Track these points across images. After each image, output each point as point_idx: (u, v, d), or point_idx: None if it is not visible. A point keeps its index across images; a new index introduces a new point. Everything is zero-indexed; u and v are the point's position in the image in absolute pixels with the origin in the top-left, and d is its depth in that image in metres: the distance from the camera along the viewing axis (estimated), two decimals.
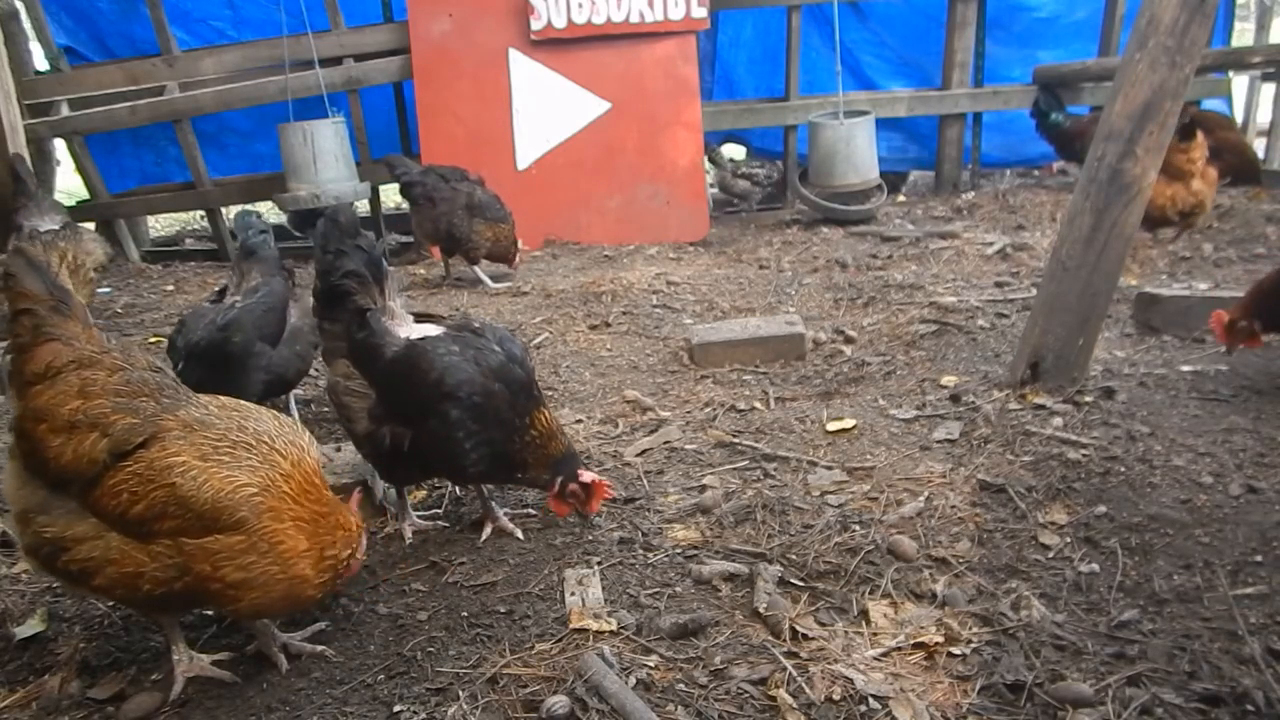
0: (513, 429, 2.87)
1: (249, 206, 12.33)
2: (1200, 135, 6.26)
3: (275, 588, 2.21)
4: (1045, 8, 9.92)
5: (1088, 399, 3.77)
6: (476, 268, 6.81)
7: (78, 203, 8.97)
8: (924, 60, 9.90)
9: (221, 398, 2.40)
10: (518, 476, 2.98)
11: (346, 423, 3.09)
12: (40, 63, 8.74)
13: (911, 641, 2.39)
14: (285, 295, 4.02)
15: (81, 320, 2.38)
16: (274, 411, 2.43)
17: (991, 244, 6.78)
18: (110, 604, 2.68)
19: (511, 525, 3.08)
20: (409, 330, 3.07)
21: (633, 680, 2.22)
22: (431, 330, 3.05)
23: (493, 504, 3.13)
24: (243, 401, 2.42)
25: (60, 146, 8.99)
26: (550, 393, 4.39)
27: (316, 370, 4.38)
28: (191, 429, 2.22)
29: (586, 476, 2.90)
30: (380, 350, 2.95)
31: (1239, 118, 11.08)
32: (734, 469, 3.46)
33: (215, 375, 3.46)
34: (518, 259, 6.85)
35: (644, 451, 3.67)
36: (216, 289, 4.23)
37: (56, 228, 5.36)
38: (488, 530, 3.06)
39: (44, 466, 2.19)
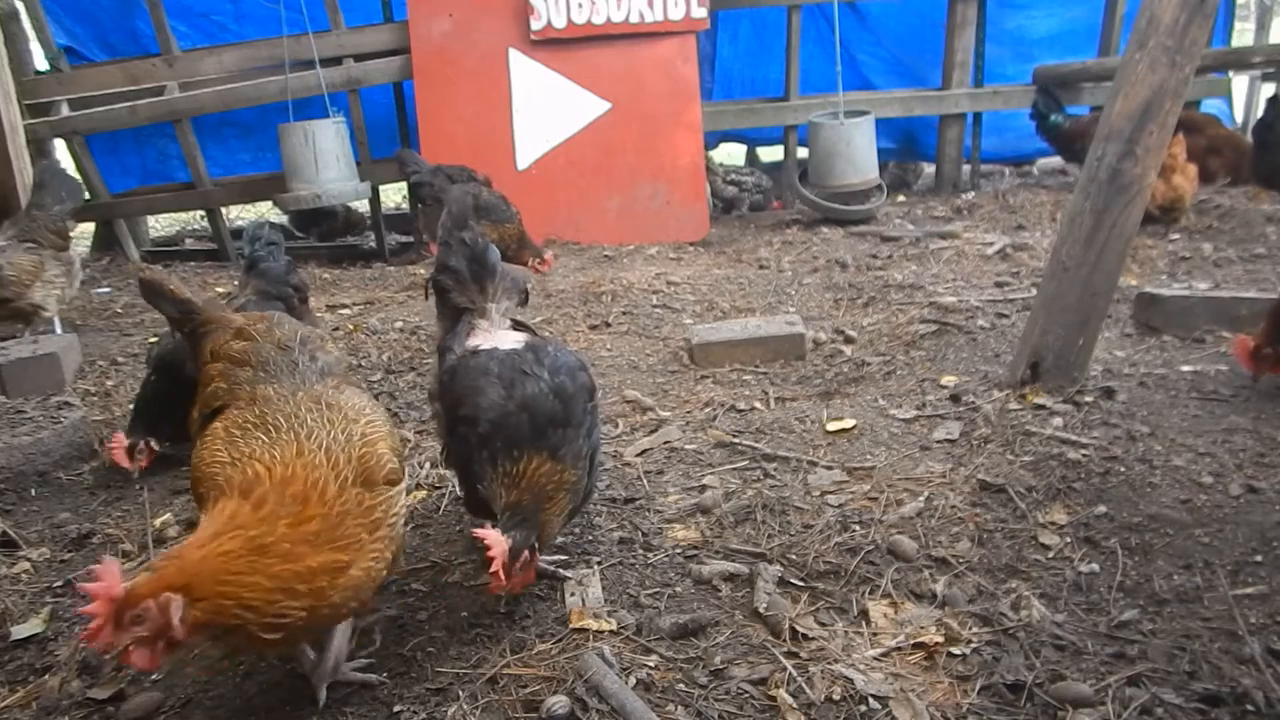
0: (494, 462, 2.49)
1: (252, 208, 12.38)
2: (1180, 133, 6.31)
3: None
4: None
5: (1088, 399, 3.76)
6: None
7: None
8: (919, 60, 9.92)
9: (347, 389, 2.43)
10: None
11: (437, 420, 2.95)
12: (40, 63, 8.74)
13: (911, 641, 2.39)
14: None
15: (211, 309, 2.69)
16: (378, 419, 2.33)
17: (991, 244, 6.79)
18: None
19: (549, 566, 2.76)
20: (483, 340, 2.81)
21: (633, 680, 2.22)
22: (504, 343, 2.76)
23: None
24: (357, 396, 2.41)
25: (60, 146, 8.99)
26: None
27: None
28: (253, 403, 2.27)
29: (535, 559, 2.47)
30: (442, 359, 2.82)
31: (1239, 118, 11.11)
32: (734, 469, 3.46)
33: (178, 388, 3.26)
34: (533, 262, 6.77)
35: (644, 451, 3.67)
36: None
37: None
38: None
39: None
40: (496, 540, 2.28)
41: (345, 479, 2.08)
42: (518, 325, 2.98)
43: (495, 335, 2.82)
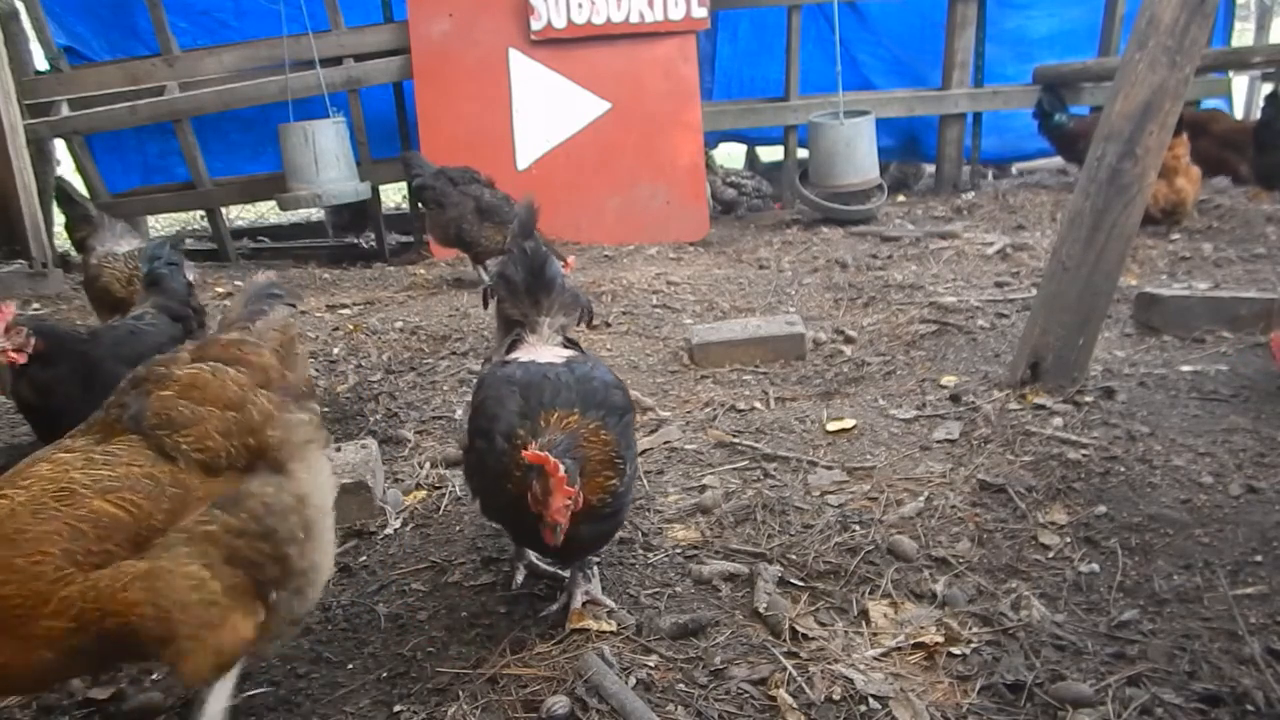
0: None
1: (252, 208, 12.39)
2: (1184, 134, 6.31)
3: None
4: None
5: (1088, 399, 3.76)
6: (480, 268, 6.81)
7: None
8: (919, 60, 9.92)
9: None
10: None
11: (461, 438, 2.80)
12: (40, 63, 8.74)
13: (911, 641, 2.39)
14: (166, 329, 3.71)
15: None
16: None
17: (991, 244, 6.78)
18: None
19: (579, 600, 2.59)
20: (524, 354, 2.69)
21: (633, 680, 2.22)
22: (542, 358, 2.63)
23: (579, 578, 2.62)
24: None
25: (60, 146, 8.99)
26: None
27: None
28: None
29: None
30: (486, 361, 2.75)
31: (1239, 118, 11.10)
32: (734, 469, 3.46)
33: (78, 385, 3.27)
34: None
35: (644, 451, 3.67)
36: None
37: (132, 249, 4.97)
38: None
39: None
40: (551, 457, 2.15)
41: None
42: (569, 344, 2.84)
43: (539, 350, 2.70)
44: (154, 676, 2.42)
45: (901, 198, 9.54)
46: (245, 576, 1.99)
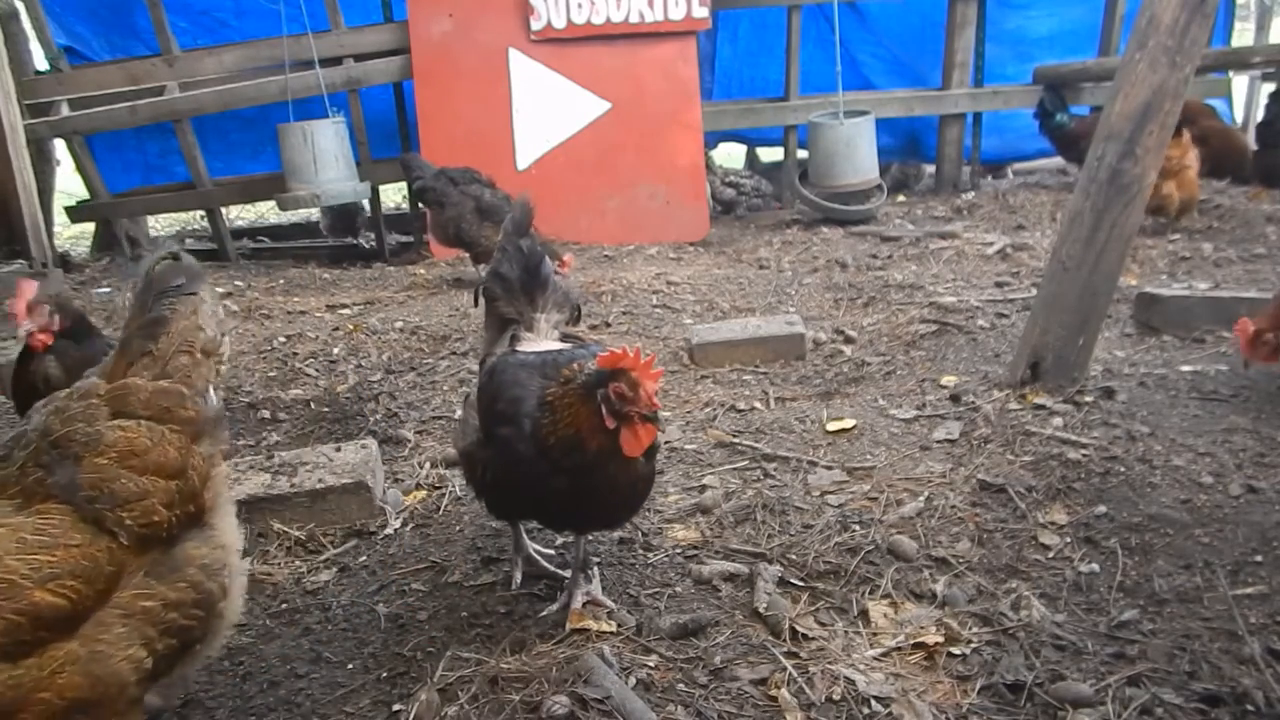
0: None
1: (252, 208, 12.38)
2: (1186, 136, 6.29)
3: None
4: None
5: (1088, 399, 3.76)
6: (480, 268, 6.81)
7: (78, 203, 8.98)
8: (919, 60, 9.92)
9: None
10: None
11: (458, 439, 2.75)
12: (40, 63, 8.74)
13: (911, 641, 2.39)
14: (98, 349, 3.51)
15: None
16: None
17: (991, 244, 6.78)
18: None
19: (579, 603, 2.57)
20: (530, 346, 2.66)
21: (633, 680, 2.22)
22: (545, 347, 2.63)
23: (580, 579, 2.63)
24: None
25: (60, 146, 8.99)
26: None
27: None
28: None
29: None
30: (482, 363, 2.69)
31: (1239, 117, 11.11)
32: (734, 469, 3.46)
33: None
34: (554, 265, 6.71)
35: None
36: None
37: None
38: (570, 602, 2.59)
39: None
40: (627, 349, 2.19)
41: None
42: (567, 339, 2.81)
43: (540, 344, 2.67)
44: None
45: (901, 198, 9.54)
46: (178, 643, 1.87)
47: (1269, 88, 9.31)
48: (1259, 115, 9.54)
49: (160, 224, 12.29)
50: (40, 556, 1.69)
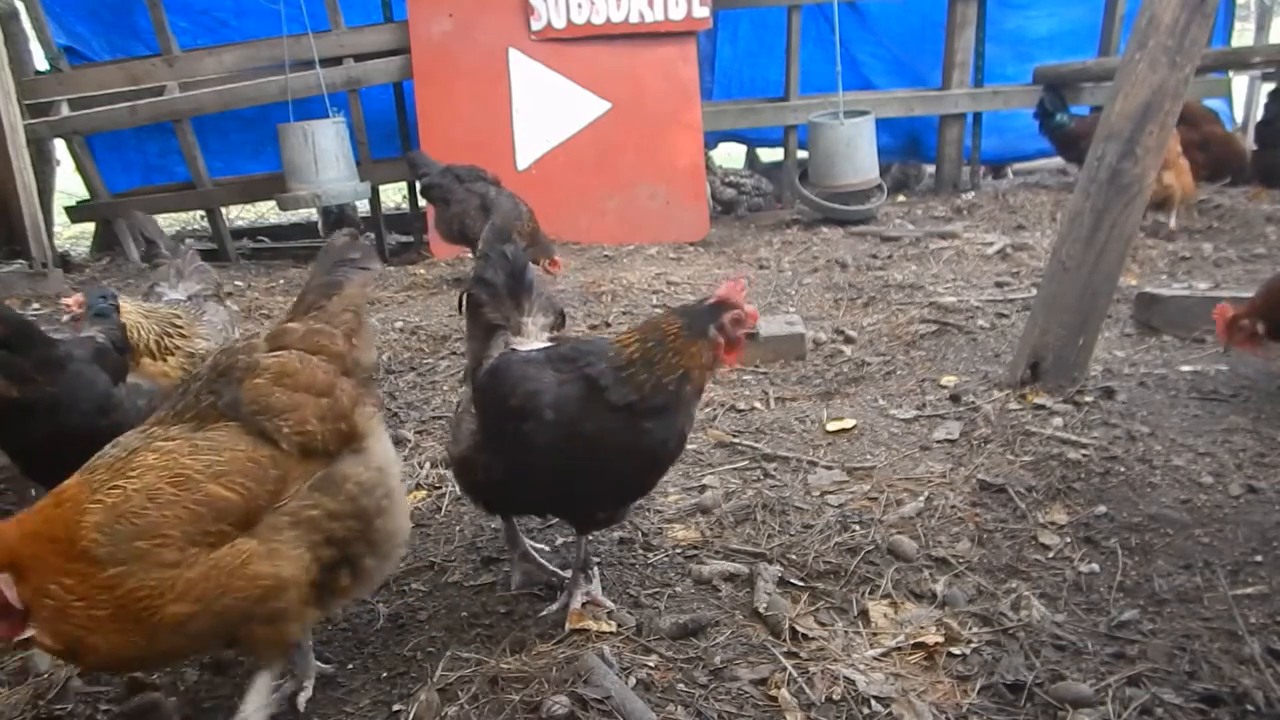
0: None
1: (252, 208, 12.38)
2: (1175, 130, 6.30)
3: None
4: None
5: (1088, 399, 3.76)
6: None
7: (78, 203, 8.98)
8: (919, 60, 9.92)
9: None
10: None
11: (451, 445, 2.75)
12: (40, 63, 8.74)
13: (911, 641, 2.39)
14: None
15: None
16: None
17: (991, 244, 6.78)
18: None
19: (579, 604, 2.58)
20: (525, 347, 2.64)
21: (633, 680, 2.22)
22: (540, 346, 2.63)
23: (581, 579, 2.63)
24: None
25: (60, 146, 8.99)
26: None
27: None
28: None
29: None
30: (473, 379, 2.65)
31: (1239, 117, 11.10)
32: (734, 469, 3.46)
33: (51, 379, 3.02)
34: (544, 263, 6.65)
35: None
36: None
37: (182, 298, 4.24)
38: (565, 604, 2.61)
39: None
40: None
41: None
42: (556, 341, 2.77)
43: (532, 345, 2.64)
44: (154, 677, 2.41)
45: (901, 198, 9.54)
46: (338, 554, 2.10)
47: (1269, 88, 9.30)
48: (1259, 115, 9.54)
49: (160, 224, 12.28)
50: (211, 457, 1.98)
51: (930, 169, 10.44)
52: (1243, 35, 14.01)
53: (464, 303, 2.87)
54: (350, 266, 2.38)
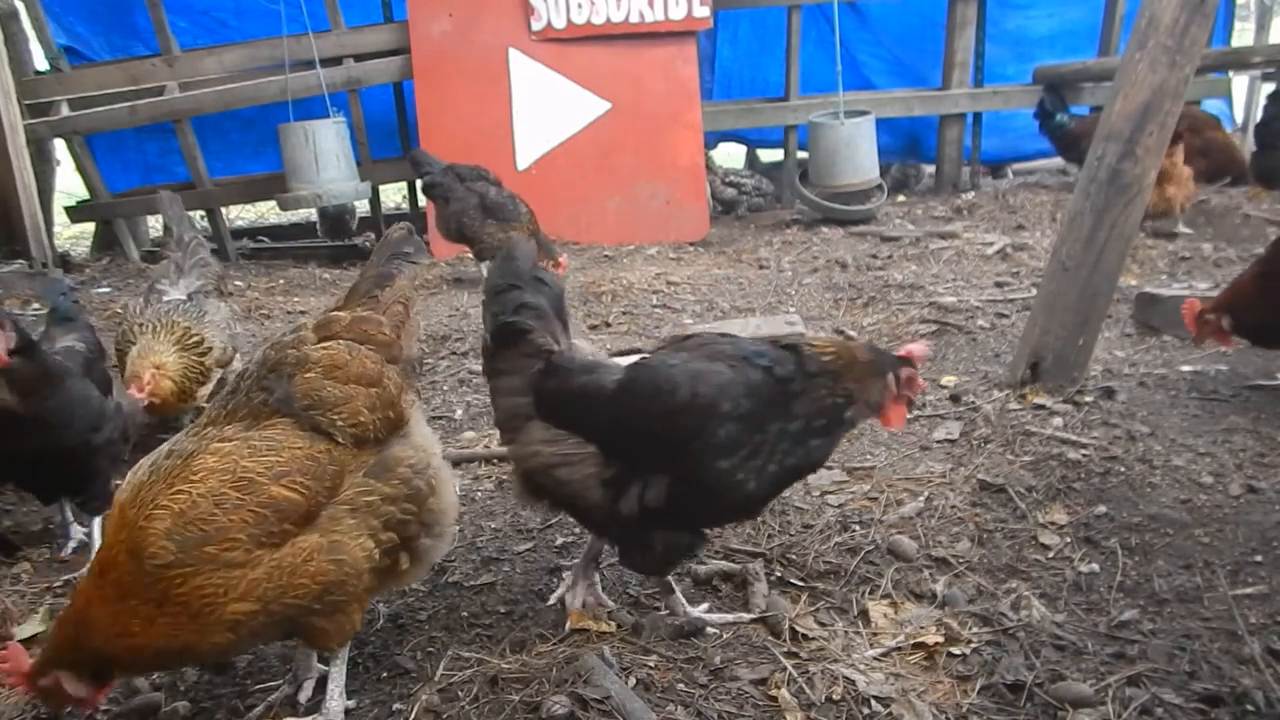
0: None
1: (252, 208, 12.39)
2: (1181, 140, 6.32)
3: None
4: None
5: (1088, 399, 3.76)
6: (483, 266, 6.80)
7: (78, 203, 8.98)
8: (919, 60, 9.92)
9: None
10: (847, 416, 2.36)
11: (569, 502, 2.43)
12: (40, 63, 8.74)
13: (911, 641, 2.39)
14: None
15: None
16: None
17: (991, 244, 6.79)
18: None
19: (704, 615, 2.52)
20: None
21: (633, 680, 2.22)
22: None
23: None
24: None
25: (60, 146, 8.99)
26: None
27: None
28: None
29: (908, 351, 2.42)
30: (601, 386, 2.36)
31: (1239, 117, 11.11)
32: None
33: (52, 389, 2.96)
34: (547, 263, 6.62)
35: None
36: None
37: (182, 296, 4.07)
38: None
39: None
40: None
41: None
42: (618, 355, 2.69)
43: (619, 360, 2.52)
44: (154, 678, 2.41)
45: (901, 198, 9.54)
46: (397, 537, 2.14)
47: (1269, 88, 9.31)
48: (1259, 115, 9.55)
49: (160, 224, 12.27)
50: (271, 458, 2.00)
51: (930, 169, 10.44)
52: (1243, 35, 14.02)
53: (493, 341, 2.56)
54: (403, 260, 2.43)
